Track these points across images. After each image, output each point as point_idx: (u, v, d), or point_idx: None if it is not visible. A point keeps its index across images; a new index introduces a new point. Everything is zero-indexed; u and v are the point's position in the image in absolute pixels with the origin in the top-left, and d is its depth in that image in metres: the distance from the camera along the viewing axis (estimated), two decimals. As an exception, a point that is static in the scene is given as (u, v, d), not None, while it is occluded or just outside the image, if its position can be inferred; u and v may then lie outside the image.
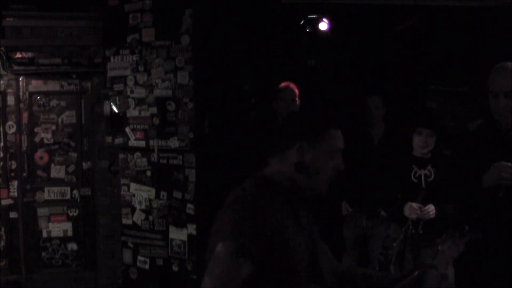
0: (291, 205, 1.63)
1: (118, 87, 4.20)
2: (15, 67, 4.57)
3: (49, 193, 4.67)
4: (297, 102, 4.00)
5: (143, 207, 4.20)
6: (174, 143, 4.05)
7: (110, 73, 4.22)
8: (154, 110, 4.09)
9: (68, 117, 4.69)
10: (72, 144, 4.70)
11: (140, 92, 4.13)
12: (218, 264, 1.47)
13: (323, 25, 4.85)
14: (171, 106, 4.04)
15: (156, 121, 4.09)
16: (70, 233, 4.69)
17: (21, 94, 4.62)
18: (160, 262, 4.17)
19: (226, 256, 1.46)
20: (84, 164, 4.71)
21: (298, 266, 1.56)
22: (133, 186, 4.23)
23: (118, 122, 4.22)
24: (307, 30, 4.93)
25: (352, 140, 4.04)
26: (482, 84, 2.68)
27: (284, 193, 1.63)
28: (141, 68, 4.11)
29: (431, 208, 3.19)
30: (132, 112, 4.17)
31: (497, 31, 4.44)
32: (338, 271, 1.85)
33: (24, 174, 4.64)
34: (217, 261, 1.47)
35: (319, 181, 1.67)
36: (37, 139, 4.66)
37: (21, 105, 4.63)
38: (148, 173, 4.18)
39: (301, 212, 1.68)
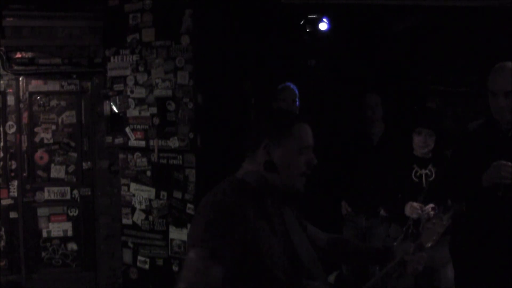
0: (263, 206, 1.61)
1: (118, 87, 4.20)
2: (15, 67, 4.58)
3: (49, 193, 4.67)
4: (297, 102, 4.00)
5: (143, 207, 4.20)
6: (174, 143, 4.05)
7: (110, 73, 4.22)
8: (154, 110, 4.10)
9: (68, 117, 4.69)
10: (72, 144, 4.70)
11: (140, 92, 4.13)
12: (190, 270, 1.48)
13: (323, 25, 4.85)
14: (171, 106, 4.04)
15: (156, 121, 4.09)
16: (70, 233, 4.70)
17: (21, 94, 4.63)
18: (160, 262, 4.17)
19: (196, 261, 1.47)
20: (84, 164, 4.71)
21: (276, 268, 1.54)
22: (133, 186, 4.24)
23: (118, 122, 4.22)
24: (307, 30, 4.93)
25: (352, 140, 4.09)
26: (482, 84, 2.68)
27: (257, 194, 1.62)
28: (141, 68, 4.11)
29: (432, 208, 3.19)
30: (132, 112, 4.17)
31: (497, 31, 4.44)
32: (331, 242, 1.91)
33: (24, 174, 4.64)
34: (188, 266, 1.49)
35: (291, 178, 1.66)
36: (37, 139, 4.66)
37: (21, 105, 4.63)
38: (148, 173, 4.18)
39: (275, 211, 1.66)
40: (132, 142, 4.19)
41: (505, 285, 2.47)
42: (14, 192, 4.64)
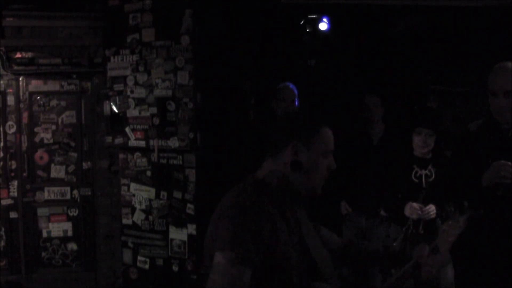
0: (283, 207, 1.61)
1: (118, 87, 4.20)
2: (15, 67, 4.57)
3: (49, 193, 4.67)
4: (296, 102, 4.00)
5: (143, 207, 4.20)
6: (174, 143, 4.05)
7: (110, 73, 4.22)
8: (154, 110, 4.10)
9: (68, 117, 4.69)
10: (72, 144, 4.70)
11: (140, 92, 4.13)
12: (221, 275, 1.45)
13: (323, 25, 4.85)
14: (171, 106, 4.04)
15: (156, 121, 4.10)
16: (70, 233, 4.69)
17: (21, 94, 4.62)
18: (160, 262, 4.17)
19: (228, 266, 1.44)
20: (84, 164, 4.71)
21: (293, 269, 1.55)
22: (133, 186, 4.24)
23: (118, 122, 4.22)
24: (307, 30, 4.93)
25: (352, 140, 4.09)
26: (482, 84, 2.68)
27: (276, 195, 1.62)
28: (141, 68, 4.11)
29: (432, 208, 3.19)
30: (132, 112, 4.17)
31: (497, 31, 4.44)
32: (343, 245, 1.91)
33: (24, 174, 4.64)
34: (220, 272, 1.45)
35: (314, 180, 1.68)
36: (37, 139, 4.66)
37: (21, 105, 4.63)
38: (148, 173, 4.18)
39: (291, 213, 1.66)
40: (132, 142, 4.19)
41: (505, 285, 2.47)
42: (14, 192, 4.63)
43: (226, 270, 1.44)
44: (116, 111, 4.22)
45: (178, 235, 4.10)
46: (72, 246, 4.71)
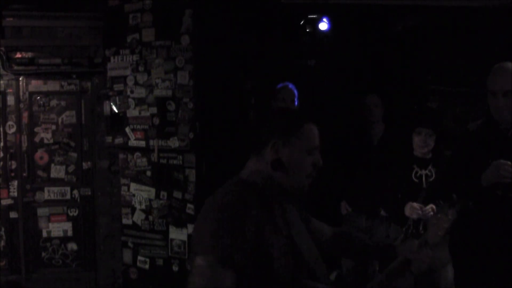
0: (269, 207, 1.60)
1: (118, 87, 4.20)
2: (15, 67, 4.58)
3: (49, 193, 4.67)
4: (296, 102, 4.00)
5: (143, 207, 4.20)
6: (174, 143, 4.05)
7: (110, 73, 4.23)
8: (154, 110, 4.10)
9: (68, 117, 4.69)
10: (72, 144, 4.70)
11: (140, 92, 4.13)
12: (201, 278, 1.44)
13: (323, 25, 4.85)
14: (171, 106, 4.04)
15: (156, 121, 4.10)
16: (70, 233, 4.69)
17: (21, 94, 4.63)
18: (160, 262, 4.18)
19: (207, 269, 1.43)
20: (84, 164, 4.71)
21: (282, 269, 1.53)
22: (133, 186, 4.24)
23: (118, 122, 4.22)
24: (307, 30, 4.93)
25: (352, 140, 4.09)
26: (482, 84, 2.68)
27: (261, 194, 1.60)
28: (141, 68, 4.12)
29: (432, 208, 3.19)
30: (132, 112, 4.17)
31: (497, 31, 4.44)
32: (335, 236, 1.92)
33: (24, 174, 4.64)
34: (199, 274, 1.45)
35: (298, 178, 1.65)
36: (37, 139, 4.66)
37: (21, 105, 4.63)
38: (148, 173, 4.18)
39: (279, 212, 1.64)
40: (132, 142, 4.20)
41: (505, 285, 2.47)
42: (14, 192, 4.64)
43: (207, 273, 1.43)
44: (116, 111, 4.23)
45: (178, 235, 4.10)
46: (72, 246, 4.71)
